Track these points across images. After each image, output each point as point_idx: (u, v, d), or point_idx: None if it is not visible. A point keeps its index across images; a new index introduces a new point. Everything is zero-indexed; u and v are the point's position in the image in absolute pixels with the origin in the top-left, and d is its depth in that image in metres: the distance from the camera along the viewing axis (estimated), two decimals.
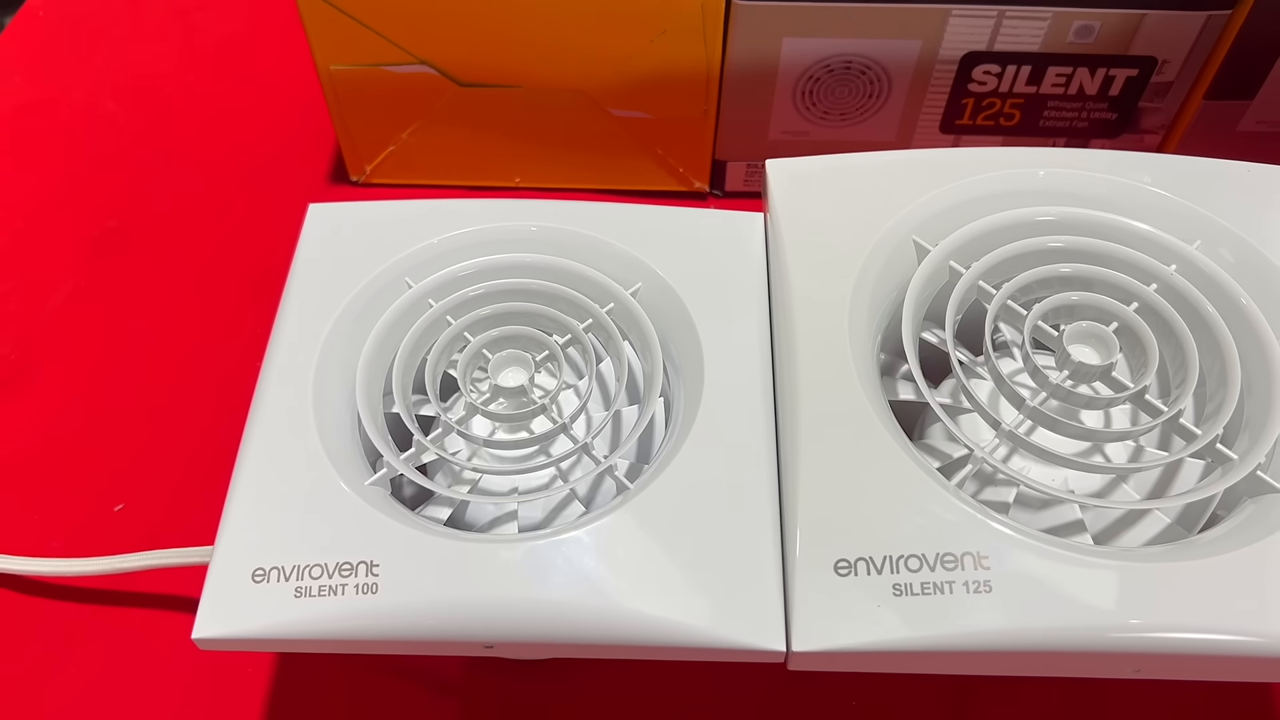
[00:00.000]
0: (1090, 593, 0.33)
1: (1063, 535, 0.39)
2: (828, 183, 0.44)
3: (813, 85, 0.55)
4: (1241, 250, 0.41)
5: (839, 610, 0.34)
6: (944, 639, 0.33)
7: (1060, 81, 0.54)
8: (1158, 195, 0.42)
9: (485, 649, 0.35)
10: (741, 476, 0.36)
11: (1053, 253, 0.41)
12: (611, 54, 0.53)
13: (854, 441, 0.36)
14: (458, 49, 0.54)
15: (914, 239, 0.41)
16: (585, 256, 0.42)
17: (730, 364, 0.39)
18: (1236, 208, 0.42)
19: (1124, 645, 0.32)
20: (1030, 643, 0.33)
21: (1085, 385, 0.40)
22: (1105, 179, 0.42)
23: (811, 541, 0.35)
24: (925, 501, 0.35)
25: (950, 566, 0.34)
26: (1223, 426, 0.37)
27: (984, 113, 0.56)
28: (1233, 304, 0.39)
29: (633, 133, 0.57)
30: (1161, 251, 0.41)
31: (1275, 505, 0.35)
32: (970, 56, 0.53)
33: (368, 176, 0.61)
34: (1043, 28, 0.51)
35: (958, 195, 0.42)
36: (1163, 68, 0.53)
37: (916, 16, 0.51)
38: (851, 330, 0.39)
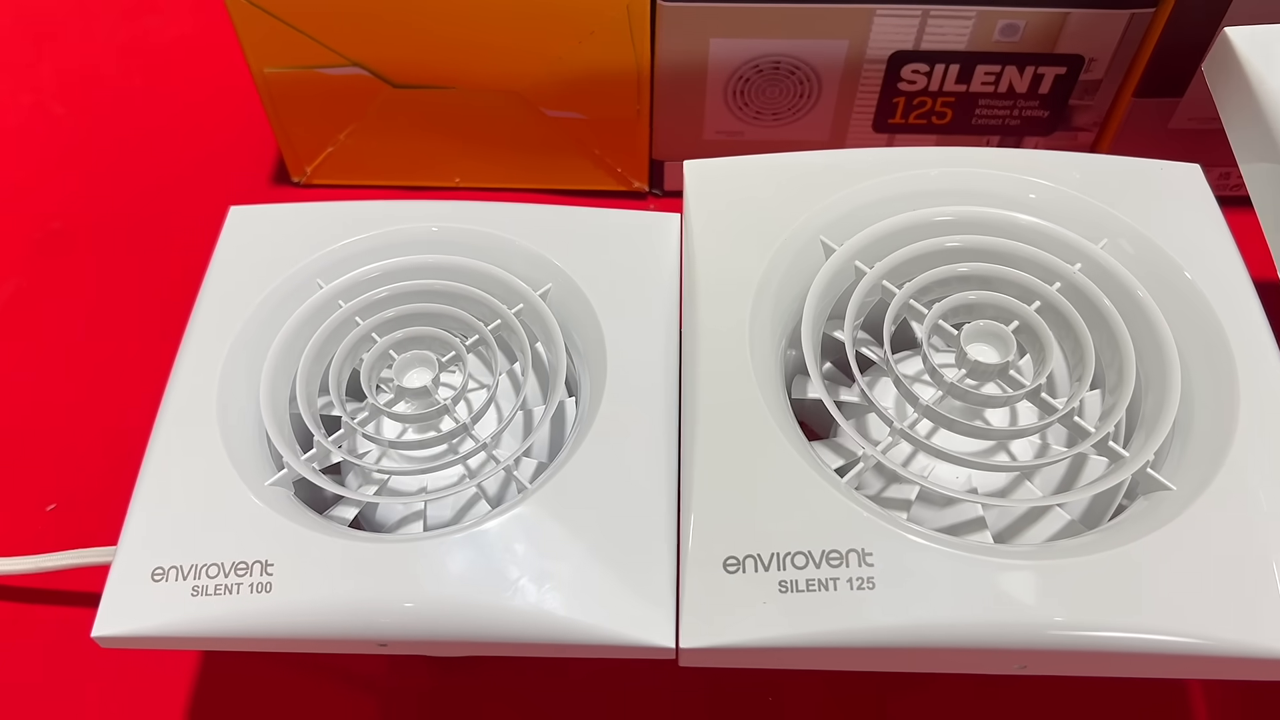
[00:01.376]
0: (972, 589, 0.33)
1: (963, 533, 0.39)
2: (742, 183, 0.44)
3: (743, 85, 0.55)
4: (1147, 250, 0.41)
5: (726, 607, 0.34)
6: (826, 635, 0.33)
7: (989, 80, 0.54)
8: (1066, 194, 0.42)
9: (380, 647, 0.35)
10: (639, 475, 0.37)
11: (952, 252, 0.41)
12: (541, 55, 0.54)
13: (747, 440, 0.36)
14: (390, 51, 0.54)
15: (821, 239, 0.42)
16: (496, 258, 0.42)
17: (634, 364, 0.39)
18: (1147, 206, 0.42)
19: (1003, 642, 0.33)
20: (911, 639, 0.33)
21: (991, 384, 0.40)
22: (1014, 178, 0.43)
23: (703, 539, 0.35)
24: (814, 500, 0.35)
25: (835, 564, 0.34)
26: (1114, 424, 0.37)
27: (916, 111, 0.56)
28: (1134, 303, 0.40)
29: (569, 133, 0.58)
30: (1066, 250, 0.41)
31: (1164, 501, 0.36)
32: (898, 56, 0.53)
33: (309, 178, 0.61)
34: (968, 27, 0.51)
35: (866, 196, 0.43)
36: (1090, 66, 0.53)
37: (841, 17, 0.51)
38: (753, 330, 0.39)
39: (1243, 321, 0.38)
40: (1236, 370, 0.37)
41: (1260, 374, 0.37)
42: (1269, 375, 0.37)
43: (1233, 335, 0.38)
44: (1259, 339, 0.38)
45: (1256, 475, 0.35)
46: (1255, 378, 0.37)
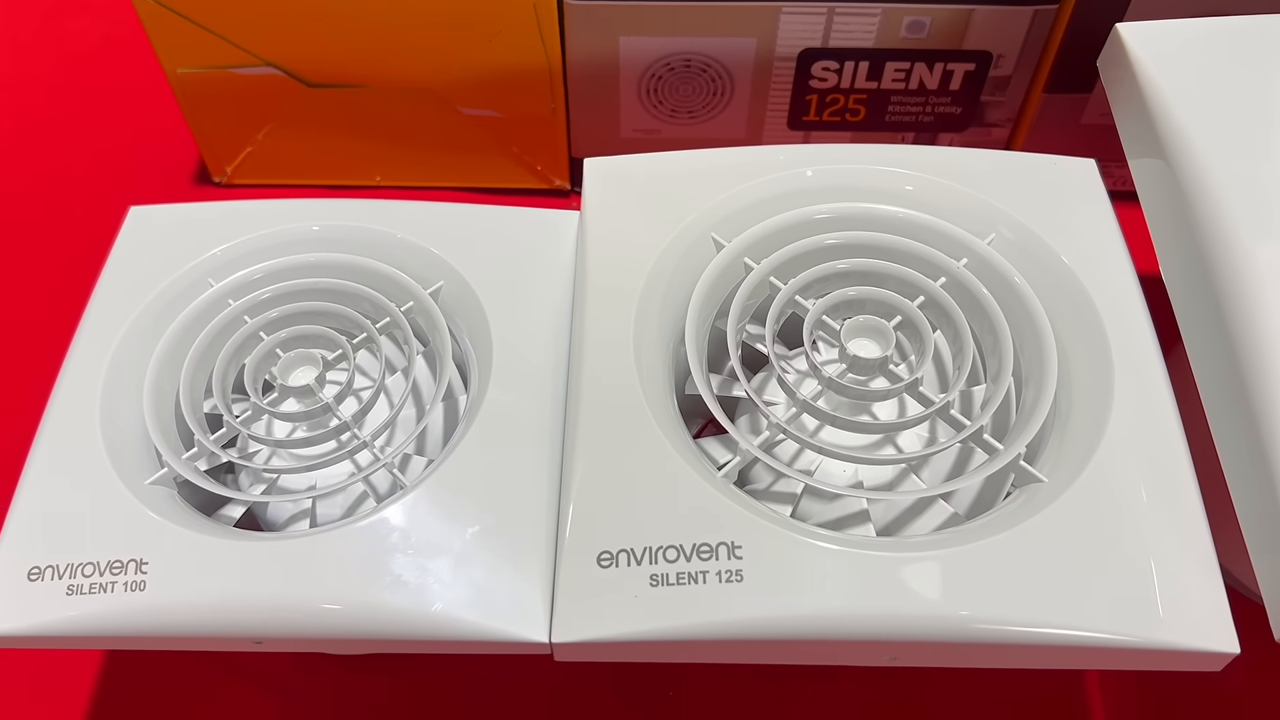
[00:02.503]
0: (835, 581, 0.33)
1: (848, 525, 0.39)
2: (639, 180, 0.44)
3: (656, 83, 0.55)
4: (1033, 244, 0.41)
5: (599, 602, 0.34)
6: (694, 628, 0.33)
7: (900, 77, 0.54)
8: (956, 190, 0.43)
9: (255, 645, 0.36)
10: (518, 472, 0.37)
11: (832, 249, 0.41)
12: (453, 54, 0.54)
13: (626, 437, 0.37)
14: (302, 50, 0.54)
15: (712, 236, 0.42)
16: (389, 255, 0.42)
17: (521, 361, 0.39)
18: (1037, 201, 0.42)
19: (864, 633, 0.33)
20: (777, 631, 0.33)
21: (881, 379, 0.41)
22: (901, 174, 0.43)
23: (578, 534, 0.35)
24: (688, 494, 0.35)
25: (705, 557, 0.34)
26: (990, 417, 0.37)
27: (829, 109, 0.56)
28: (1016, 297, 0.40)
29: (487, 131, 0.58)
30: (953, 246, 0.42)
31: (1038, 494, 0.36)
32: (807, 53, 0.53)
33: (229, 178, 0.61)
34: (874, 24, 0.52)
35: (756, 193, 0.43)
36: (999, 62, 0.54)
37: (748, 14, 0.51)
38: (639, 326, 0.39)
39: (1123, 317, 0.39)
40: (1113, 365, 0.38)
41: (1136, 369, 0.37)
42: (1144, 371, 0.37)
43: (1111, 331, 0.38)
44: (1138, 335, 0.38)
45: (1124, 469, 0.35)
46: (1130, 373, 0.37)
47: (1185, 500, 0.35)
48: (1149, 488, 0.35)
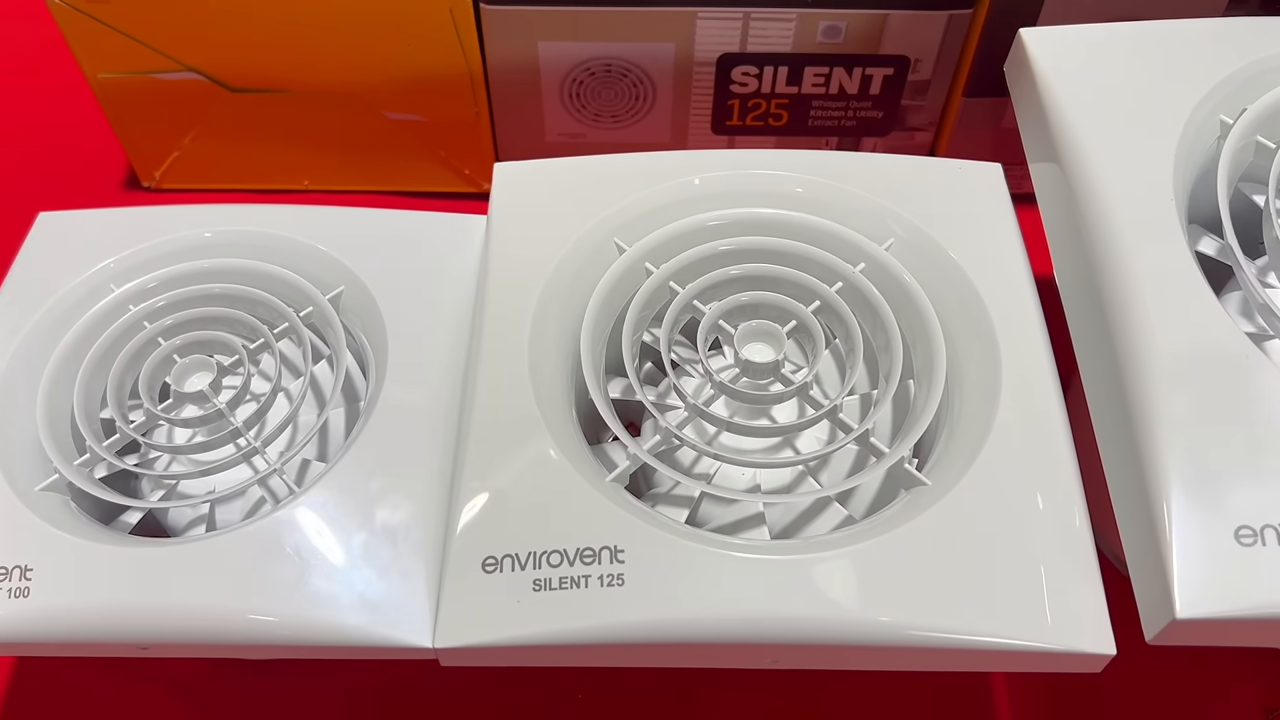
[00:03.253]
0: (713, 584, 0.34)
1: (745, 528, 0.40)
2: (547, 184, 0.44)
3: (577, 88, 0.55)
4: (931, 249, 0.41)
5: (482, 607, 0.34)
6: (575, 632, 0.34)
7: (820, 81, 0.55)
8: (858, 195, 0.43)
9: (141, 650, 0.36)
10: (409, 476, 0.37)
11: (729, 254, 0.42)
12: (374, 59, 0.54)
13: (516, 442, 0.37)
14: (223, 56, 0.54)
15: (615, 240, 0.42)
16: (291, 261, 0.42)
17: (416, 365, 0.40)
18: (939, 206, 0.43)
19: (744, 636, 0.33)
20: (656, 634, 0.34)
21: (779, 383, 0.41)
22: (807, 179, 0.43)
23: (465, 540, 0.35)
24: (574, 500, 0.36)
25: (589, 561, 0.34)
26: (874, 421, 0.38)
27: (752, 113, 0.57)
28: (912, 303, 0.40)
29: (412, 135, 0.58)
30: (851, 251, 0.42)
31: (921, 496, 0.36)
32: (726, 58, 0.54)
33: (158, 182, 0.61)
34: (790, 29, 0.52)
35: (660, 198, 0.43)
36: (917, 66, 0.54)
37: (664, 19, 0.52)
38: (535, 330, 0.40)
39: (1015, 320, 0.39)
40: (1001, 369, 0.38)
41: (1024, 372, 0.38)
42: (1033, 373, 0.38)
43: (1001, 334, 0.39)
44: (1029, 338, 0.39)
45: (1007, 471, 0.35)
46: (1018, 376, 0.38)
47: (1067, 502, 0.35)
48: (1031, 489, 0.35)
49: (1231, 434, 0.33)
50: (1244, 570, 0.31)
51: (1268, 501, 0.32)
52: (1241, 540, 0.31)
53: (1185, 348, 0.34)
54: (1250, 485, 0.32)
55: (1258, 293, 0.36)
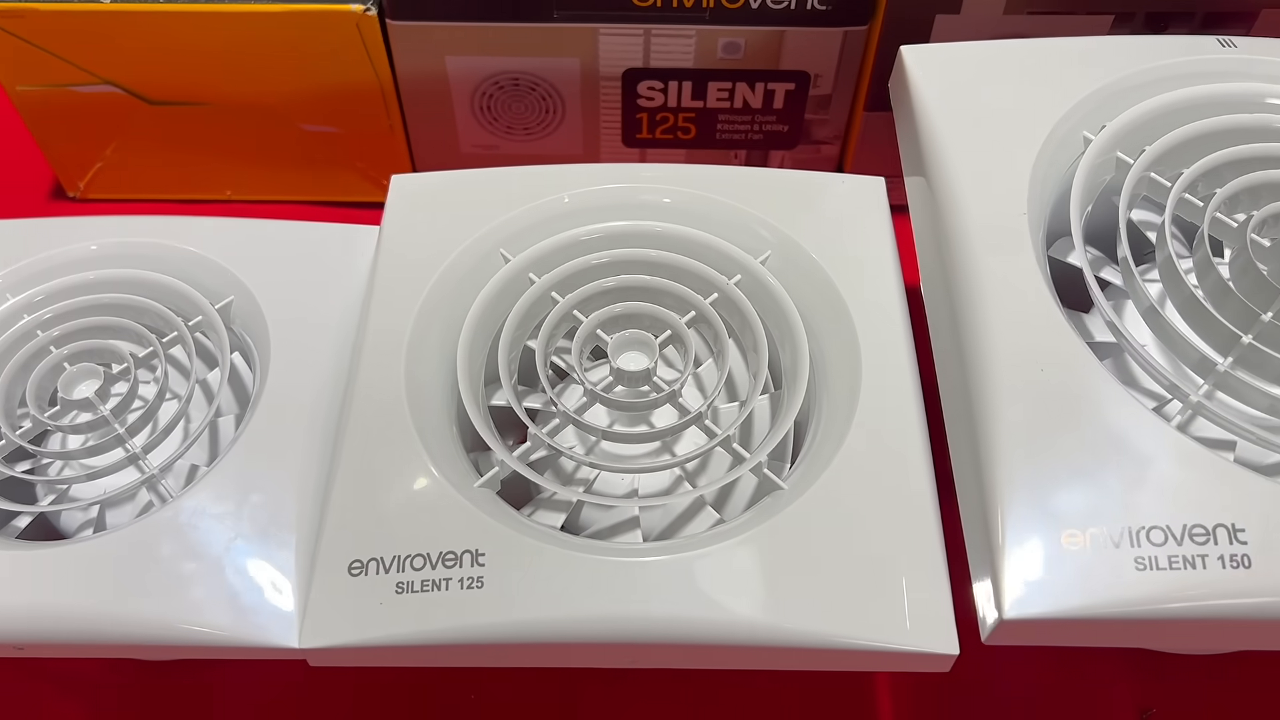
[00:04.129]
0: (571, 586, 0.35)
1: (621, 532, 0.41)
2: (441, 196, 0.46)
3: (488, 101, 0.56)
4: (805, 261, 0.43)
5: (346, 609, 0.35)
6: (434, 633, 0.35)
7: (724, 96, 0.56)
8: (739, 209, 0.44)
9: (17, 650, 0.37)
10: (283, 482, 0.38)
11: (608, 265, 0.43)
12: (286, 73, 0.55)
13: (387, 448, 0.38)
14: (140, 70, 0.55)
15: (500, 251, 0.43)
16: (183, 271, 0.43)
17: (298, 373, 0.41)
18: (817, 219, 0.44)
19: (598, 636, 0.34)
20: (514, 635, 0.35)
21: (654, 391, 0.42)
22: (692, 193, 0.44)
23: (332, 543, 0.36)
24: (439, 505, 0.37)
25: (450, 564, 0.36)
26: (736, 427, 0.39)
27: (660, 127, 0.58)
28: (783, 314, 0.41)
29: (329, 147, 0.59)
30: (728, 263, 0.43)
31: (778, 500, 0.37)
32: (630, 73, 0.55)
33: (83, 192, 0.62)
34: (691, 44, 0.53)
35: (544, 211, 0.44)
36: (817, 81, 0.55)
37: (567, 35, 0.53)
38: (415, 339, 0.41)
39: (879, 331, 0.40)
40: (861, 379, 0.39)
41: (883, 383, 0.39)
42: (891, 384, 0.39)
43: (864, 344, 0.40)
44: (891, 349, 0.40)
45: (860, 474, 0.37)
46: (876, 386, 0.39)
47: (919, 506, 0.36)
48: (881, 494, 0.36)
49: (1064, 440, 0.34)
50: (1070, 572, 0.32)
51: (1095, 506, 0.33)
52: (1068, 544, 0.33)
53: (1024, 357, 0.36)
54: (1079, 490, 0.33)
55: (1104, 309, 0.37)
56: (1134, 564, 0.32)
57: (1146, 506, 0.33)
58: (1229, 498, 0.33)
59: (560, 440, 0.42)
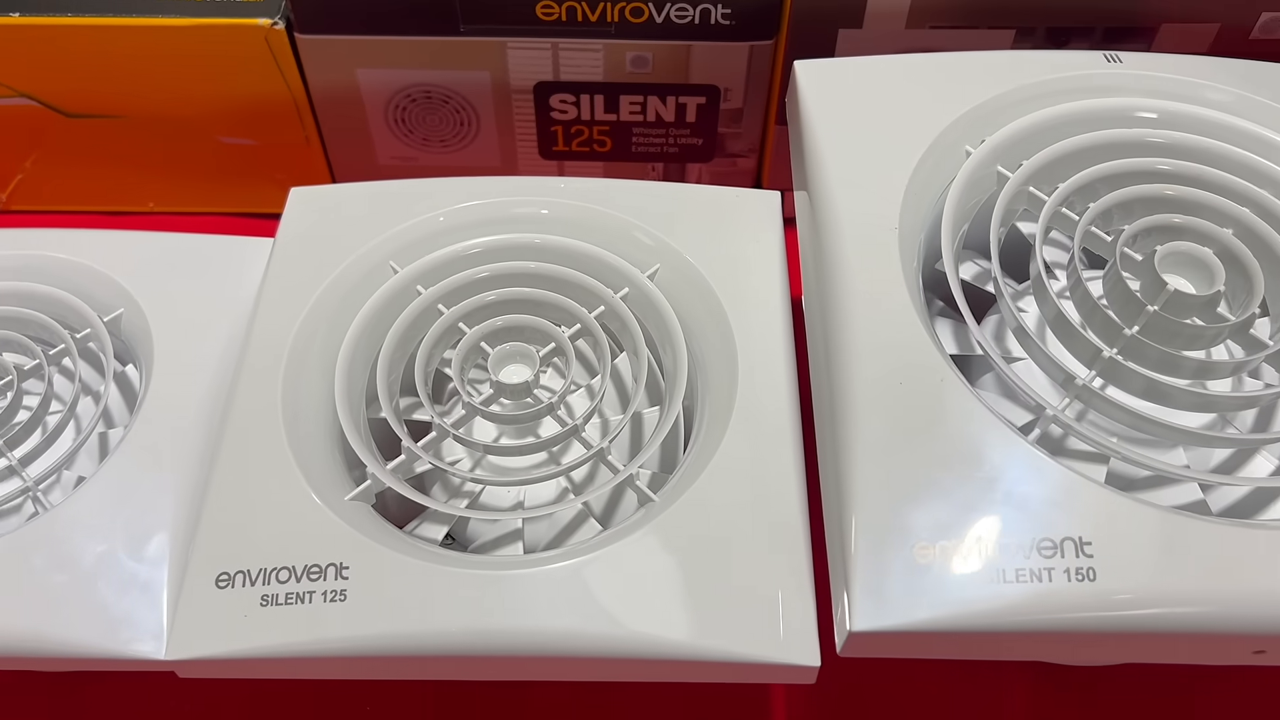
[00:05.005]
0: (433, 599, 0.35)
1: (504, 544, 0.41)
2: (337, 209, 0.46)
3: (401, 114, 0.57)
4: (693, 275, 0.43)
5: (211, 621, 0.36)
6: (295, 646, 0.35)
7: (636, 109, 0.56)
8: (629, 223, 0.44)
9: None
10: (160, 494, 0.38)
11: (493, 279, 0.43)
12: (200, 85, 0.55)
13: (259, 461, 0.38)
14: (54, 83, 0.55)
15: (390, 264, 0.44)
16: (71, 283, 0.44)
17: (181, 387, 0.41)
18: (710, 232, 0.44)
19: (458, 649, 0.35)
20: (376, 648, 0.35)
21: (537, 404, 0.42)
22: (585, 207, 0.45)
23: (201, 556, 0.36)
24: (307, 518, 0.37)
25: (315, 578, 0.36)
26: (610, 439, 0.39)
27: (576, 139, 0.58)
28: (667, 329, 0.42)
29: (247, 159, 0.59)
30: (616, 276, 0.43)
31: (650, 511, 0.37)
32: (542, 86, 0.55)
33: (5, 204, 0.63)
34: (599, 59, 0.53)
35: (434, 224, 0.44)
36: (728, 95, 0.55)
37: (476, 49, 0.53)
38: (296, 350, 0.41)
39: (759, 346, 0.40)
40: (736, 394, 0.39)
41: (758, 398, 0.39)
42: (767, 399, 0.39)
43: (743, 359, 0.40)
44: (770, 364, 0.40)
45: (729, 486, 0.37)
46: (751, 400, 0.39)
47: (787, 520, 0.36)
48: (752, 505, 0.37)
49: (918, 454, 0.34)
50: (919, 586, 0.33)
51: (946, 520, 0.33)
52: (919, 556, 0.33)
53: (885, 371, 0.36)
54: (932, 504, 0.34)
55: (971, 324, 0.37)
56: (983, 577, 0.32)
57: (996, 521, 0.33)
58: (1077, 511, 0.33)
59: (454, 452, 0.42)
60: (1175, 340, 0.38)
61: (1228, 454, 0.40)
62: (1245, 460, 0.40)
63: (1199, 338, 0.38)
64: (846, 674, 0.47)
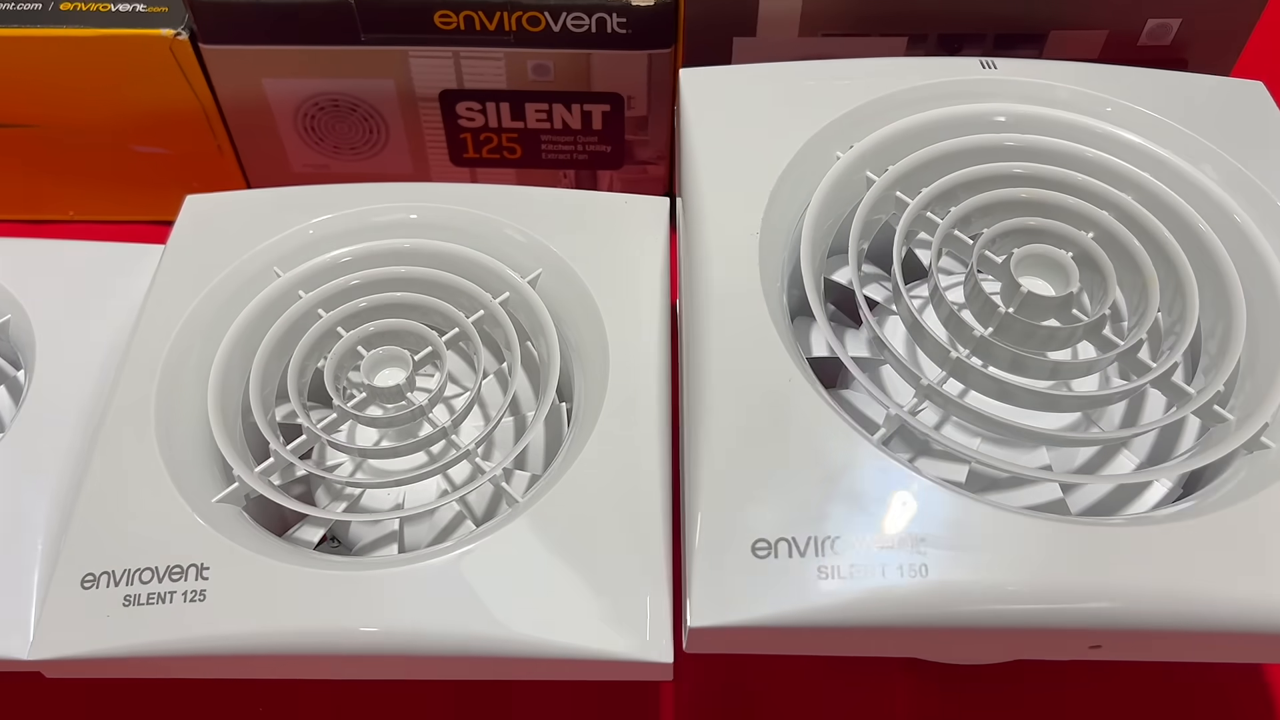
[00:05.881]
0: (292, 600, 0.35)
1: (382, 545, 0.42)
2: (229, 216, 0.47)
3: (310, 122, 0.57)
4: (572, 281, 0.43)
5: (75, 621, 0.36)
6: (154, 645, 0.35)
7: (542, 116, 0.57)
8: (511, 228, 0.45)
9: None
10: (36, 496, 0.39)
11: (370, 284, 0.44)
12: (109, 96, 0.56)
13: (129, 463, 0.39)
14: None
15: (274, 269, 0.44)
16: None
17: (61, 390, 0.42)
18: (595, 238, 0.45)
19: (316, 648, 0.35)
20: (234, 647, 0.35)
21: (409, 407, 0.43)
22: (468, 213, 0.45)
23: (68, 557, 0.37)
24: (173, 521, 0.37)
25: (176, 578, 0.36)
26: (476, 441, 0.40)
27: (485, 146, 0.59)
28: (544, 334, 0.42)
29: (162, 168, 0.60)
30: (497, 281, 0.44)
31: (514, 511, 0.38)
32: (447, 94, 0.56)
33: None
34: (501, 67, 0.54)
35: (319, 230, 0.45)
36: (631, 103, 0.56)
37: (378, 57, 0.54)
38: (175, 354, 0.41)
39: (632, 349, 0.41)
40: (606, 393, 0.40)
41: (629, 398, 0.39)
42: (635, 402, 0.39)
43: (614, 361, 0.41)
44: (642, 370, 0.40)
45: (584, 490, 0.37)
46: (621, 401, 0.39)
47: (647, 516, 0.37)
48: (615, 504, 0.37)
49: (762, 453, 0.35)
50: (757, 582, 0.33)
51: (785, 516, 0.34)
52: (757, 553, 0.33)
53: (737, 372, 0.37)
54: (773, 501, 0.34)
55: (824, 328, 0.38)
56: (817, 573, 0.33)
57: (835, 518, 0.34)
58: (914, 510, 0.34)
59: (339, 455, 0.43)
60: (1030, 341, 0.38)
61: (1092, 452, 0.41)
62: (1109, 458, 0.41)
63: (1053, 339, 0.38)
64: (729, 673, 0.48)
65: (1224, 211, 0.41)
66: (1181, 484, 0.39)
